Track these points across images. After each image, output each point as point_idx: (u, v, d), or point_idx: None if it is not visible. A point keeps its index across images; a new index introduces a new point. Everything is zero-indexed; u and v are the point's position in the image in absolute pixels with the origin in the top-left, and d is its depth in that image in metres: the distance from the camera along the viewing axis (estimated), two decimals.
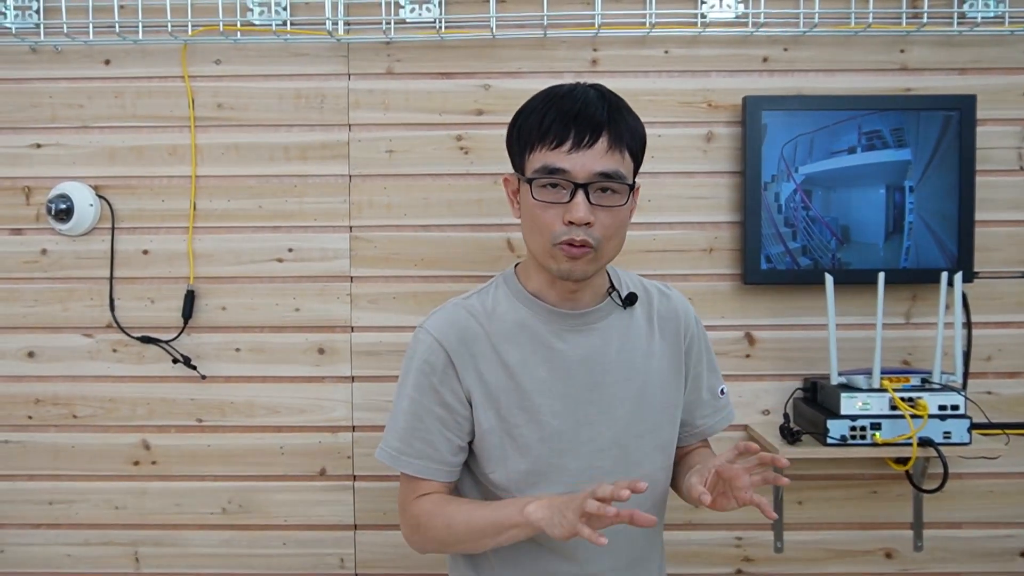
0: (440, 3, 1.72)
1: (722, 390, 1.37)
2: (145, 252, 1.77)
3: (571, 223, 1.13)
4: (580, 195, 1.13)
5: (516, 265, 1.30)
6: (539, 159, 1.15)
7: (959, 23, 1.71)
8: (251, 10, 1.72)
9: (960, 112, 1.68)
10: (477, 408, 1.23)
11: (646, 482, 1.03)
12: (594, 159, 1.13)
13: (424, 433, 1.23)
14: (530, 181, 1.16)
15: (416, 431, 1.23)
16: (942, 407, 1.56)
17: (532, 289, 1.25)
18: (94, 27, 1.72)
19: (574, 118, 1.14)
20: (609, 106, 1.16)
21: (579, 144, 1.13)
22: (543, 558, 1.23)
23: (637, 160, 1.20)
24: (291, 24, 1.72)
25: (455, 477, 1.26)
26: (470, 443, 1.26)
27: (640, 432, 1.25)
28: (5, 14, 1.72)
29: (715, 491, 1.13)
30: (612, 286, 1.28)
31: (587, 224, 1.13)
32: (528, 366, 1.22)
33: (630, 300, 1.27)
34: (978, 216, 1.69)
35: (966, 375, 1.72)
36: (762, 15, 1.71)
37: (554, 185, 1.14)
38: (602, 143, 1.13)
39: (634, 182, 1.19)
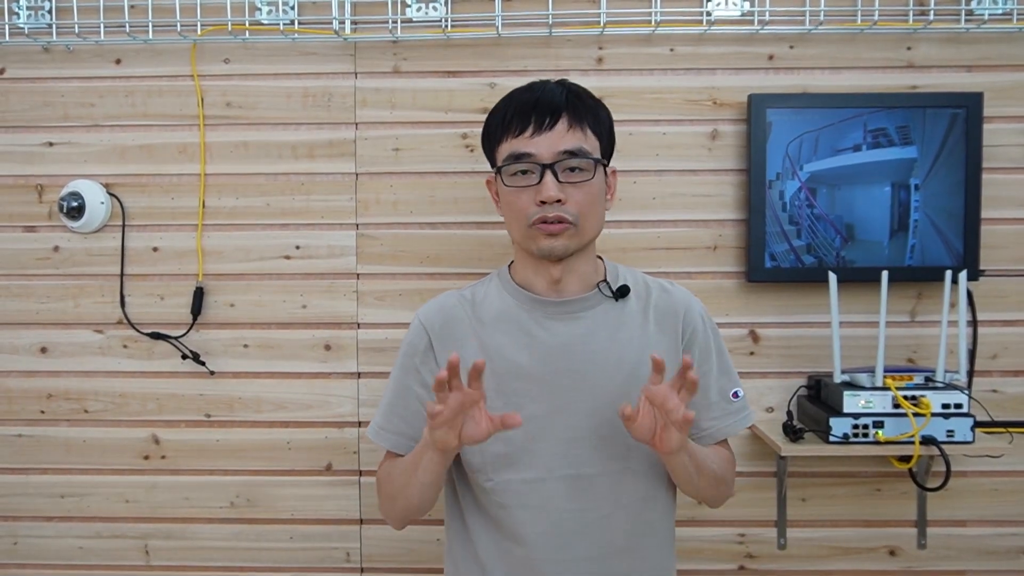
0: (446, 2, 1.73)
1: (736, 393, 1.35)
2: (155, 249, 1.79)
3: (543, 202, 1.20)
4: (548, 175, 1.20)
5: (512, 262, 1.36)
6: (506, 149, 1.23)
7: (966, 20, 1.70)
8: (259, 9, 1.74)
9: (967, 110, 1.67)
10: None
11: (518, 418, 1.09)
12: (556, 139, 1.20)
13: (403, 411, 1.31)
14: (500, 170, 1.23)
15: (396, 408, 1.31)
16: (945, 405, 1.56)
17: (519, 280, 1.31)
18: (105, 27, 1.74)
19: (533, 106, 1.21)
20: (567, 91, 1.24)
21: (540, 127, 1.20)
22: (517, 545, 1.26)
23: (603, 141, 1.26)
24: (299, 23, 1.74)
25: None
26: None
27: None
28: (18, 14, 1.75)
29: (656, 425, 1.13)
30: (604, 279, 1.30)
31: (559, 201, 1.20)
32: (507, 351, 1.26)
33: (621, 292, 1.29)
34: (984, 214, 1.69)
35: (971, 373, 1.72)
36: (768, 13, 1.71)
37: (524, 171, 1.22)
38: (562, 124, 1.21)
39: (606, 162, 1.26)
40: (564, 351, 1.26)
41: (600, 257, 1.35)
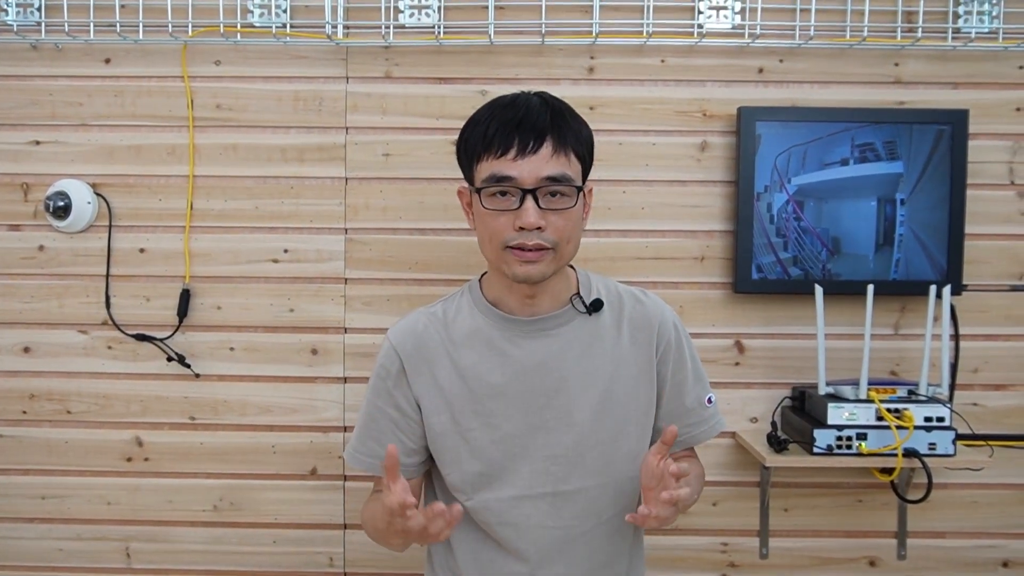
0: (439, 9, 1.73)
1: (709, 399, 1.35)
2: (142, 251, 1.78)
3: (522, 228, 1.16)
4: (529, 200, 1.16)
5: (483, 275, 1.33)
6: (486, 168, 1.18)
7: (953, 38, 1.72)
8: (251, 12, 1.73)
9: (952, 126, 1.69)
10: (427, 413, 1.27)
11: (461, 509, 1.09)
12: (540, 164, 1.16)
13: (377, 433, 1.29)
14: (479, 190, 1.19)
15: (370, 431, 1.30)
16: (928, 419, 1.58)
17: (491, 297, 1.29)
18: (95, 26, 1.73)
19: (517, 126, 1.16)
20: (552, 111, 1.19)
21: (524, 151, 1.15)
22: (499, 560, 1.27)
23: (585, 162, 1.23)
24: (291, 27, 1.73)
25: (408, 476, 1.30)
26: (428, 447, 1.30)
27: (603, 440, 1.25)
28: (7, 11, 1.73)
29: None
30: (578, 292, 1.29)
31: (538, 228, 1.16)
32: (481, 371, 1.25)
33: (594, 306, 1.27)
34: (968, 229, 1.71)
35: (953, 387, 1.74)
36: (758, 27, 1.72)
37: (503, 193, 1.17)
38: (546, 148, 1.16)
39: (583, 184, 1.22)
40: (538, 369, 1.25)
41: (572, 267, 1.32)
